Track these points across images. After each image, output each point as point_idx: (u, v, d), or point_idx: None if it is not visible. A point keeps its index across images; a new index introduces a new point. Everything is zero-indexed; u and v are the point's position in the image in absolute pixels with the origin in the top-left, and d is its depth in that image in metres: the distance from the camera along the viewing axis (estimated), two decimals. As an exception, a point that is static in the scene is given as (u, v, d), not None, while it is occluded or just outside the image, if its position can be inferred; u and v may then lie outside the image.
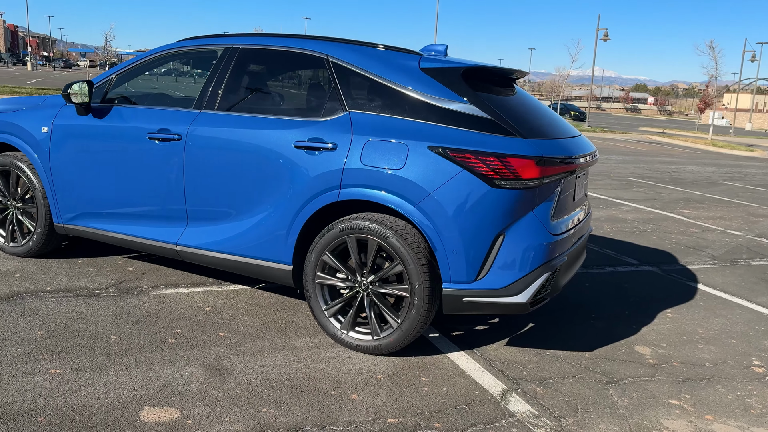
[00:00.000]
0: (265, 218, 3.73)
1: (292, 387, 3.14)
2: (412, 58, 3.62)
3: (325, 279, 3.60)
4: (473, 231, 3.27)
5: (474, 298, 3.32)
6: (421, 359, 3.58)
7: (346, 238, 3.49)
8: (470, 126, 3.33)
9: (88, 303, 3.99)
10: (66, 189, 4.42)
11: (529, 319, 4.36)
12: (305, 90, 3.95)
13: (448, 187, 3.26)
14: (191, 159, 3.91)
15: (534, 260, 3.31)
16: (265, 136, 3.69)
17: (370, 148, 3.43)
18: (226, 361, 3.36)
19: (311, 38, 3.86)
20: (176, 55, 4.30)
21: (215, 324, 3.82)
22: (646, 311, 4.74)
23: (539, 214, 3.36)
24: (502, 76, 3.89)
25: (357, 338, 3.56)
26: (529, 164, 3.23)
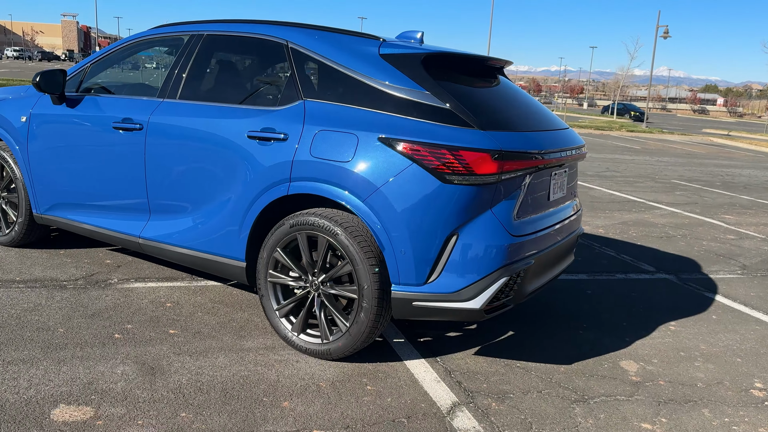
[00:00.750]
0: (219, 211, 3.57)
1: (223, 391, 2.96)
2: (373, 43, 3.38)
3: (277, 277, 3.41)
4: (423, 230, 3.01)
5: (424, 303, 3.06)
6: (374, 366, 3.34)
7: (297, 234, 3.29)
8: (426, 116, 3.07)
9: (50, 294, 3.92)
10: (42, 179, 4.39)
11: (509, 326, 4.05)
12: (265, 77, 3.76)
13: (397, 181, 3.02)
14: (151, 149, 3.79)
15: (490, 263, 3.03)
16: (220, 126, 3.53)
17: (320, 138, 3.21)
18: (164, 360, 3.21)
19: (272, 23, 3.67)
20: (148, 42, 4.19)
21: (169, 321, 3.68)
22: (646, 323, 4.35)
23: (499, 212, 3.07)
24: (477, 64, 3.61)
25: (307, 341, 3.35)
26: (483, 158, 2.94)
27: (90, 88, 4.30)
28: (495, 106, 3.43)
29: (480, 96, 3.46)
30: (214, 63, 3.90)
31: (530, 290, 3.33)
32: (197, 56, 3.84)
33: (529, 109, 3.65)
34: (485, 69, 3.68)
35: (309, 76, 3.43)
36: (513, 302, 3.22)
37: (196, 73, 3.82)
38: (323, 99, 3.32)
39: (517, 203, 3.14)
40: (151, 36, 4.15)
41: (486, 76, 3.66)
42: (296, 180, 3.26)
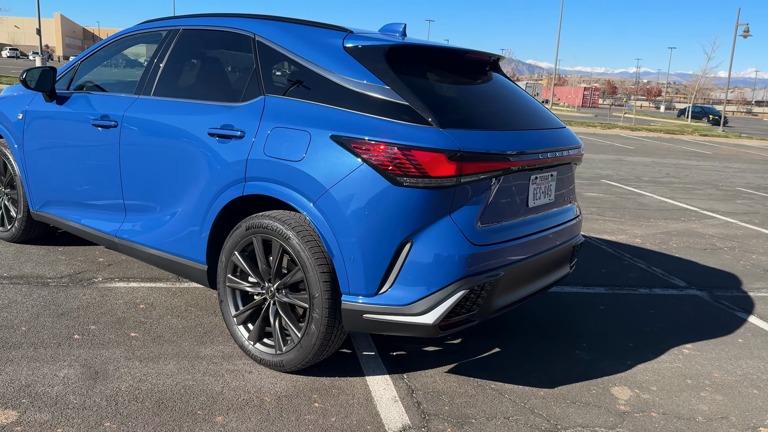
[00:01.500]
0: (183, 212, 3.44)
1: (159, 401, 2.81)
2: (338, 35, 3.16)
3: (235, 283, 3.24)
4: (373, 236, 2.76)
5: (374, 315, 2.81)
6: (331, 381, 3.11)
7: (253, 237, 3.11)
8: (383, 113, 2.82)
9: (29, 291, 3.90)
10: (36, 176, 4.40)
11: (497, 341, 3.74)
12: (232, 72, 3.60)
13: (347, 182, 2.78)
14: (125, 147, 3.71)
15: (446, 274, 2.75)
16: (185, 123, 3.41)
17: (274, 136, 3.02)
18: (112, 364, 3.09)
19: (242, 16, 3.51)
20: (133, 38, 4.12)
21: (135, 323, 3.58)
22: (656, 344, 3.93)
23: (459, 219, 2.78)
24: (455, 58, 3.33)
25: (262, 351, 3.17)
26: (438, 159, 2.67)
27: (82, 86, 4.27)
28: (466, 103, 3.14)
29: (449, 92, 3.19)
30: (186, 58, 3.78)
31: (501, 305, 3.02)
32: (172, 52, 3.73)
33: (514, 107, 3.35)
34: (466, 63, 3.39)
35: (272, 71, 3.25)
36: (478, 318, 2.93)
37: (170, 69, 3.71)
38: (284, 94, 3.13)
39: (481, 209, 2.85)
40: (135, 32, 4.08)
41: (467, 71, 3.38)
42: (251, 180, 3.08)
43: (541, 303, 4.49)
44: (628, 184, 11.11)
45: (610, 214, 8.09)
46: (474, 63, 3.44)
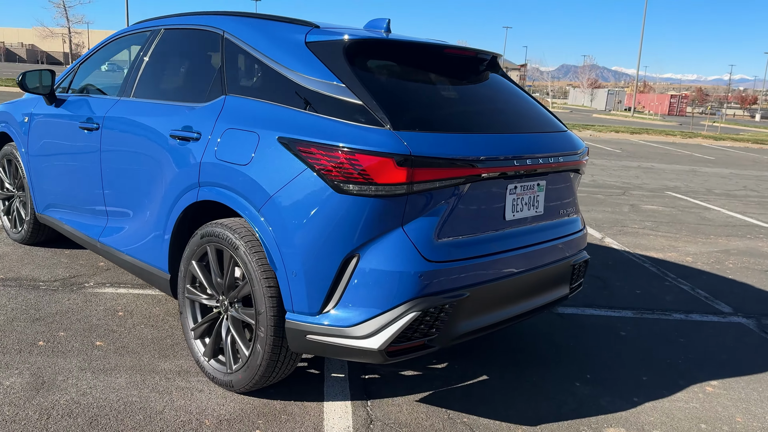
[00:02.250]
0: (149, 217, 3.30)
1: (92, 418, 2.65)
2: (303, 30, 2.92)
3: (194, 294, 3.06)
4: (316, 249, 2.50)
5: (318, 337, 2.54)
6: (284, 405, 2.86)
7: (207, 246, 2.92)
8: (336, 113, 2.56)
9: (16, 294, 3.88)
10: (38, 178, 4.41)
11: (486, 369, 3.38)
12: (202, 71, 3.42)
13: (290, 188, 2.54)
14: (104, 149, 3.62)
15: (395, 294, 2.44)
16: (152, 124, 3.27)
17: (226, 138, 2.82)
18: (63, 375, 2.97)
19: (214, 13, 3.34)
20: (124, 40, 4.04)
21: (106, 331, 3.47)
22: (677, 379, 3.46)
23: (413, 231, 2.48)
24: (432, 54, 3.03)
25: (215, 369, 2.96)
26: (384, 164, 2.38)
27: (82, 89, 4.24)
28: (434, 103, 2.83)
29: (417, 91, 2.88)
30: (164, 58, 3.65)
31: (468, 330, 2.67)
32: (152, 52, 3.61)
33: (498, 108, 3.01)
34: (446, 60, 3.07)
35: (236, 69, 3.06)
36: (439, 344, 2.60)
37: (149, 70, 3.60)
38: (243, 94, 2.93)
39: (440, 221, 2.53)
40: (127, 32, 4.00)
41: (446, 69, 3.07)
42: (204, 185, 2.89)
43: (552, 325, 4.08)
44: (695, 197, 10.29)
45: (664, 229, 7.45)
46: (456, 60, 3.12)
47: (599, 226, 7.30)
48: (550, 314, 4.28)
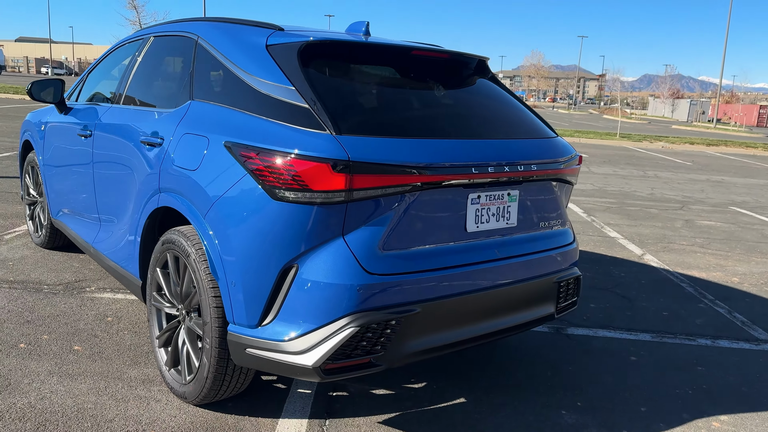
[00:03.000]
0: (125, 222, 3.31)
1: (42, 422, 2.63)
2: (265, 33, 2.84)
3: (158, 302, 3.02)
4: (253, 258, 2.40)
5: (256, 351, 2.42)
6: (237, 420, 2.76)
7: (167, 254, 2.87)
8: (283, 117, 2.46)
9: (18, 297, 3.97)
10: (51, 184, 4.54)
11: (467, 392, 3.17)
12: (177, 77, 3.38)
13: (230, 195, 2.45)
14: (95, 155, 3.67)
15: (333, 308, 2.30)
16: (129, 131, 3.27)
17: (182, 143, 2.77)
18: (29, 378, 2.98)
19: (192, 20, 3.32)
20: (124, 47, 4.08)
21: (87, 336, 3.49)
22: (680, 412, 3.13)
23: (354, 241, 2.33)
24: (398, 56, 2.89)
25: (172, 378, 2.90)
26: (320, 169, 2.25)
27: (90, 97, 4.33)
28: (389, 107, 2.69)
29: (373, 94, 2.73)
30: (149, 65, 3.65)
31: (421, 348, 2.49)
32: (142, 59, 3.64)
33: (470, 113, 2.83)
34: (414, 63, 2.92)
35: (203, 74, 3.01)
36: (387, 362, 2.43)
37: (137, 77, 3.62)
38: (207, 99, 2.88)
39: (386, 230, 2.37)
40: (126, 41, 4.05)
41: (415, 72, 2.91)
42: (163, 190, 2.85)
43: (555, 346, 3.81)
44: (762, 213, 9.57)
45: (716, 247, 6.93)
46: (427, 62, 2.96)
47: (642, 242, 6.86)
48: (556, 335, 4.01)
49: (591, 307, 4.61)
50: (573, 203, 9.13)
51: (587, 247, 6.44)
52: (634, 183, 12.10)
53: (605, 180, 12.27)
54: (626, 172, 14.04)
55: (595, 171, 13.79)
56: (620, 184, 11.85)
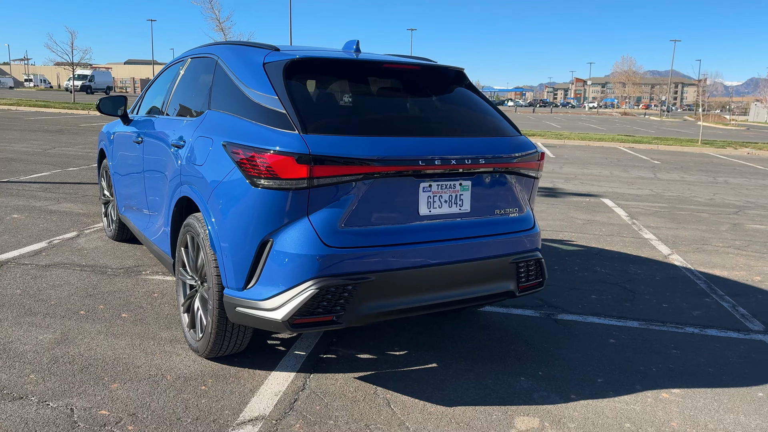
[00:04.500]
0: (163, 211, 3.99)
1: (85, 365, 3.33)
2: (263, 53, 3.45)
3: (182, 275, 3.68)
4: (239, 234, 2.99)
5: (243, 309, 3.01)
6: (237, 370, 3.37)
7: (186, 235, 3.52)
8: (265, 120, 3.05)
9: (86, 276, 4.79)
10: (117, 184, 5.37)
11: (439, 358, 3.62)
12: (201, 91, 4.03)
13: (224, 184, 3.07)
14: (145, 158, 4.41)
15: (298, 273, 2.85)
16: (165, 137, 3.97)
17: (196, 144, 3.42)
18: (83, 335, 3.71)
19: (217, 44, 3.99)
20: (173, 66, 4.83)
21: (135, 307, 4.21)
22: (634, 384, 3.46)
23: (316, 220, 2.88)
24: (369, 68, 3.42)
25: (191, 337, 3.54)
26: (287, 161, 2.81)
27: (147, 110, 5.12)
28: (353, 111, 3.21)
29: (341, 100, 3.28)
30: (186, 81, 4.35)
31: (377, 311, 2.99)
32: (182, 76, 4.35)
33: (428, 115, 3.31)
34: (384, 73, 3.44)
35: (219, 88, 3.65)
36: (346, 321, 2.95)
37: (176, 91, 4.33)
38: (218, 108, 3.51)
39: (346, 212, 2.90)
40: (173, 62, 4.80)
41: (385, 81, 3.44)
42: (183, 183, 3.51)
43: (540, 329, 4.18)
44: (825, 218, 9.27)
45: (753, 249, 6.93)
46: (398, 73, 3.46)
47: (674, 244, 6.98)
48: (545, 319, 4.37)
49: (591, 298, 4.91)
50: (619, 207, 9.25)
51: (614, 247, 6.66)
52: (697, 189, 11.92)
53: (667, 186, 12.15)
54: (694, 178, 13.77)
55: (661, 177, 13.62)
56: (681, 189, 11.72)
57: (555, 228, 7.52)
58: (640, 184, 12.18)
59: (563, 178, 12.68)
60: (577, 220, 8.09)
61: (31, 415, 2.82)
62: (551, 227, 7.55)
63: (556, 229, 7.49)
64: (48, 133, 17.14)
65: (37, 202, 7.50)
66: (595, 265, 5.90)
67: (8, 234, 5.95)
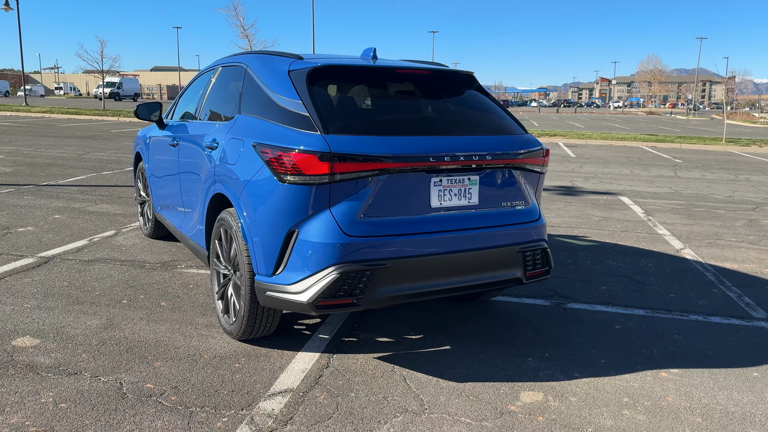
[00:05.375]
0: (198, 208, 4.34)
1: (130, 346, 3.68)
2: (288, 61, 3.78)
3: (216, 265, 4.02)
4: (269, 225, 3.31)
5: (272, 293, 3.33)
6: (267, 351, 3.69)
7: (220, 228, 3.86)
8: (290, 123, 3.37)
9: (126, 270, 5.16)
10: (153, 185, 5.75)
11: (453, 341, 3.91)
12: (232, 97, 4.36)
13: (254, 181, 3.39)
14: (180, 160, 4.77)
15: (321, 259, 3.16)
16: (199, 140, 4.32)
17: (229, 145, 3.75)
18: (126, 321, 4.07)
19: (245, 53, 4.32)
20: (205, 74, 5.19)
21: (172, 297, 4.56)
22: (635, 365, 3.70)
23: (337, 211, 3.19)
24: (383, 74, 3.73)
25: (225, 321, 3.88)
26: (310, 159, 3.13)
27: (181, 115, 5.48)
28: (369, 112, 3.50)
29: (359, 103, 3.57)
30: (217, 88, 4.69)
31: (393, 294, 3.28)
32: (214, 84, 4.70)
33: (440, 116, 3.60)
34: (398, 78, 3.74)
35: (248, 94, 3.98)
36: (365, 303, 3.25)
37: (209, 98, 4.69)
38: (248, 113, 3.84)
39: (364, 204, 3.20)
40: (205, 70, 5.16)
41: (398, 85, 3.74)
42: (217, 181, 3.85)
43: (549, 316, 4.44)
44: (843, 214, 9.33)
45: (766, 243, 7.09)
46: (410, 78, 3.76)
47: (688, 239, 7.16)
48: (555, 308, 4.62)
49: (601, 288, 5.15)
50: (636, 205, 9.42)
51: (628, 242, 6.87)
52: (716, 186, 12.01)
53: (686, 184, 12.26)
54: (715, 176, 13.83)
55: (681, 176, 13.71)
56: (700, 187, 11.82)
57: (571, 225, 7.75)
58: (659, 183, 12.30)
59: (582, 177, 12.85)
60: (593, 217, 8.30)
61: (85, 387, 3.17)
62: (567, 224, 7.78)
63: (572, 225, 7.71)
64: (81, 139, 17.78)
65: (76, 204, 7.95)
66: (607, 259, 6.12)
67: (52, 233, 6.37)
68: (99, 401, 3.04)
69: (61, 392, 3.11)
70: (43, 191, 8.83)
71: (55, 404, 2.99)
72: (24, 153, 13.63)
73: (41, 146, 15.25)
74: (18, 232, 6.38)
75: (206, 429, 2.84)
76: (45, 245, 5.87)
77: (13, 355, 3.50)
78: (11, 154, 13.41)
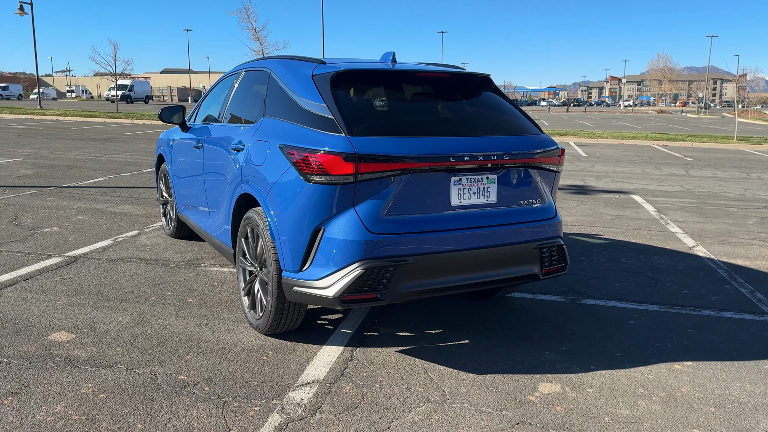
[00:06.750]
0: (223, 208, 4.49)
1: (162, 341, 3.84)
2: (312, 66, 3.91)
3: (242, 262, 4.16)
4: (295, 223, 3.45)
5: (299, 288, 3.47)
6: (293, 344, 3.83)
7: (247, 227, 4.00)
8: (315, 125, 3.51)
9: (151, 269, 5.33)
10: (177, 186, 5.91)
11: (471, 335, 4.03)
12: (256, 100, 4.51)
13: (281, 181, 3.53)
14: (205, 162, 4.92)
15: (346, 256, 3.30)
16: (225, 142, 4.47)
17: (255, 147, 3.90)
18: (156, 317, 4.23)
19: (268, 58, 4.47)
20: (228, 79, 5.34)
21: (198, 294, 4.72)
22: (649, 358, 3.81)
23: (362, 210, 3.32)
24: (404, 77, 3.87)
25: (252, 316, 4.02)
26: (336, 160, 3.26)
27: (204, 118, 5.64)
28: (391, 114, 3.63)
29: (382, 105, 3.70)
30: (241, 92, 4.84)
31: (415, 289, 3.41)
32: (237, 88, 4.85)
33: (459, 117, 3.72)
34: (418, 80, 3.87)
35: (272, 98, 4.12)
36: (389, 298, 3.38)
37: (233, 101, 4.84)
38: (273, 116, 3.99)
39: (387, 202, 3.33)
40: (227, 75, 5.31)
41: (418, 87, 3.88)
42: (243, 182, 3.99)
43: (565, 312, 4.55)
44: None
45: (778, 241, 7.15)
46: (429, 81, 3.89)
47: (700, 236, 7.24)
48: (570, 304, 4.73)
49: (615, 285, 5.25)
50: (648, 203, 9.50)
51: (640, 240, 6.96)
52: (728, 185, 12.05)
53: (698, 182, 12.31)
54: (727, 174, 13.85)
55: (693, 174, 13.75)
56: (712, 185, 11.87)
57: (584, 223, 7.84)
58: (671, 181, 12.35)
59: (594, 176, 12.92)
60: (606, 216, 8.39)
61: (122, 379, 3.32)
62: (580, 222, 7.88)
63: (585, 224, 7.81)
64: (97, 142, 18.03)
65: (98, 205, 8.13)
66: (620, 256, 6.22)
67: (77, 233, 6.55)
68: (136, 392, 3.19)
69: (99, 383, 3.26)
70: (64, 193, 9.03)
71: (94, 395, 3.15)
72: (43, 155, 13.87)
73: (59, 149, 15.50)
74: (44, 232, 6.56)
75: (240, 417, 2.98)
76: (71, 245, 6.04)
77: (51, 349, 3.66)
78: (30, 156, 13.66)
